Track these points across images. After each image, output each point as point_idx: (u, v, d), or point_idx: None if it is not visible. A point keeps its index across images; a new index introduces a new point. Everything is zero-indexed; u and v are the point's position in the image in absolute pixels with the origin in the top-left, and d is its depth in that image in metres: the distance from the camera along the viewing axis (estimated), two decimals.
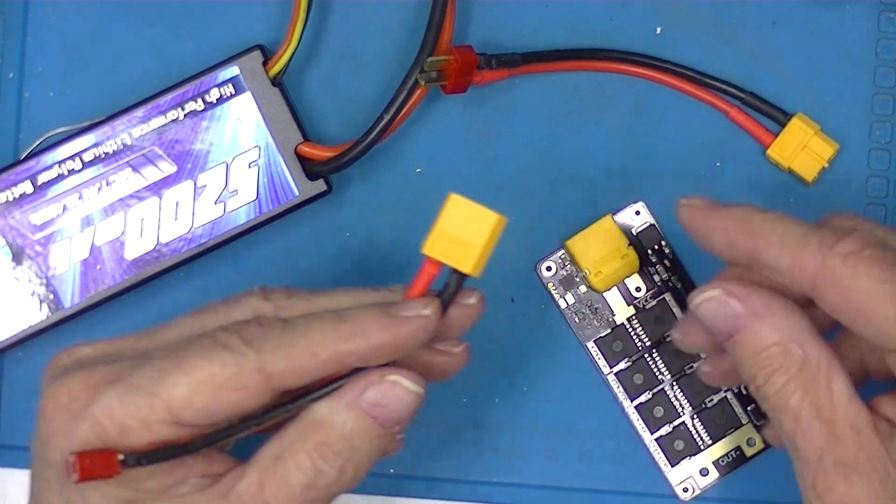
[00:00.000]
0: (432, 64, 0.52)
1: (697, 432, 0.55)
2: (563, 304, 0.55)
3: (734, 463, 0.55)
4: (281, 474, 0.45)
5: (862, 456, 0.44)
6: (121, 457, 0.44)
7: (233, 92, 0.54)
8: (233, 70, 0.54)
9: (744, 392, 0.55)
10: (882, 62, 0.56)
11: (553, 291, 0.55)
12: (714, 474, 0.55)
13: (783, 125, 0.55)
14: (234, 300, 0.48)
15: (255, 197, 0.54)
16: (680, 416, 0.55)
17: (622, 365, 0.55)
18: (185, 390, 0.44)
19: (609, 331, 0.55)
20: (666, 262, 0.55)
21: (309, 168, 0.54)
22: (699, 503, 0.55)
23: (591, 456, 0.55)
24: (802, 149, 0.55)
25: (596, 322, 0.55)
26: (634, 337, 0.55)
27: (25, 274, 0.53)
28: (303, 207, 0.54)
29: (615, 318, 0.55)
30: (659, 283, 0.55)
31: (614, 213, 0.55)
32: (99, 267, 0.54)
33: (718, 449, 0.55)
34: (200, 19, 0.56)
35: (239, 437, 0.45)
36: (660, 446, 0.55)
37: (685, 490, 0.55)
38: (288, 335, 0.45)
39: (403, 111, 0.53)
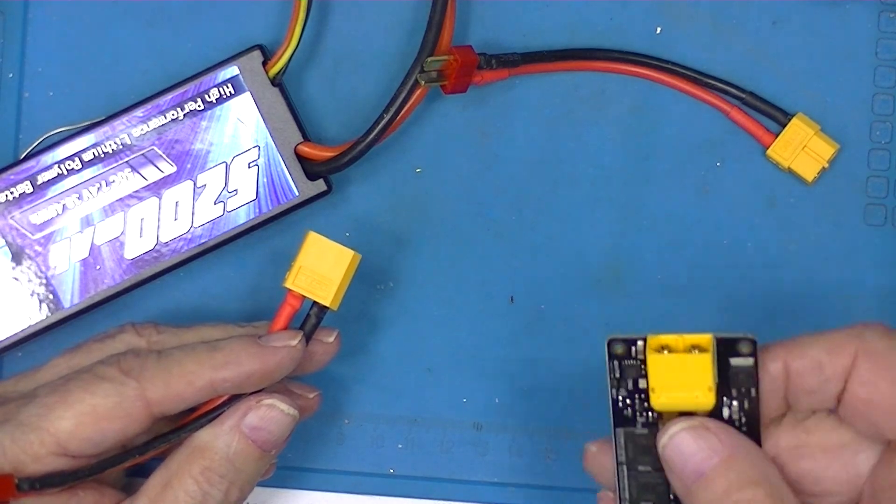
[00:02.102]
0: (432, 64, 0.52)
1: None
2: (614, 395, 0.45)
3: None
4: (170, 500, 0.47)
5: None
6: (15, 481, 0.46)
7: (232, 92, 0.54)
8: (232, 70, 0.54)
9: None
10: (882, 62, 0.56)
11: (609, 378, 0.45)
12: None
13: (783, 125, 0.55)
14: (107, 337, 0.51)
15: (254, 197, 0.54)
16: None
17: None
18: (70, 423, 0.47)
19: None
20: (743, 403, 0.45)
21: (309, 168, 0.54)
22: None
23: None
24: (802, 149, 0.55)
25: None
26: None
27: (25, 274, 0.53)
28: (303, 207, 0.54)
29: None
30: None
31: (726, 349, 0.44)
32: (99, 267, 0.54)
33: None
34: (200, 19, 0.56)
35: (125, 466, 0.49)
36: None
37: None
38: (164, 364, 0.48)
39: (403, 111, 0.53)
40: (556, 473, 0.55)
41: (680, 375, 0.43)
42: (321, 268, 0.49)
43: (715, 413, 0.44)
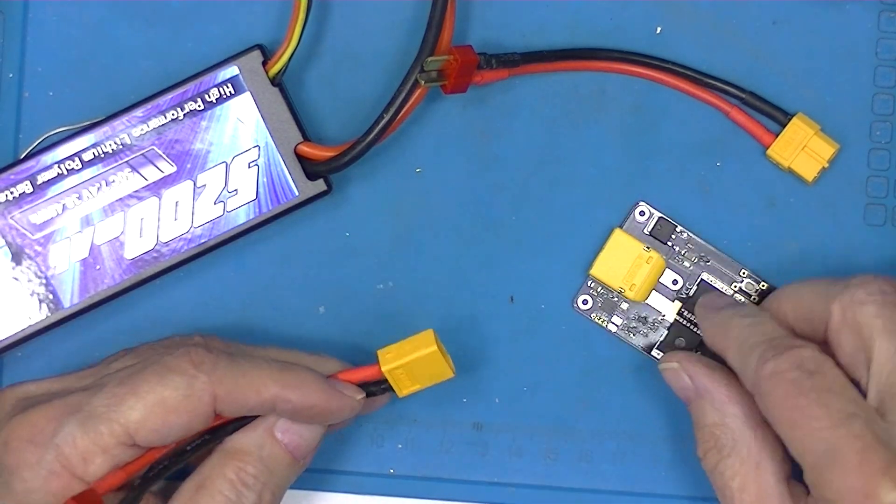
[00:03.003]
0: (432, 64, 0.52)
1: None
2: (613, 328, 0.55)
3: None
4: (204, 502, 0.48)
5: None
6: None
7: (232, 92, 0.54)
8: (232, 70, 0.54)
9: None
10: (882, 62, 0.56)
11: (598, 321, 0.55)
12: None
13: (783, 125, 0.55)
14: (174, 343, 0.51)
15: (254, 197, 0.54)
16: None
17: None
18: (139, 414, 0.47)
19: (666, 332, 0.55)
20: (689, 245, 0.55)
21: (309, 168, 0.54)
22: None
23: (591, 456, 0.55)
24: (802, 149, 0.55)
25: (650, 329, 0.55)
26: (692, 327, 0.55)
27: (25, 274, 0.53)
28: (303, 207, 0.54)
29: (666, 317, 0.55)
30: (691, 267, 0.55)
31: (621, 225, 0.55)
32: (98, 267, 0.54)
33: None
34: (200, 19, 0.56)
35: (177, 468, 0.49)
36: None
37: None
38: (236, 366, 0.49)
39: (403, 111, 0.53)
40: (556, 473, 0.55)
41: None
42: (418, 370, 0.50)
43: None
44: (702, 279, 0.55)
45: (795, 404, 0.46)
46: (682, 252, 0.55)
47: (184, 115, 0.54)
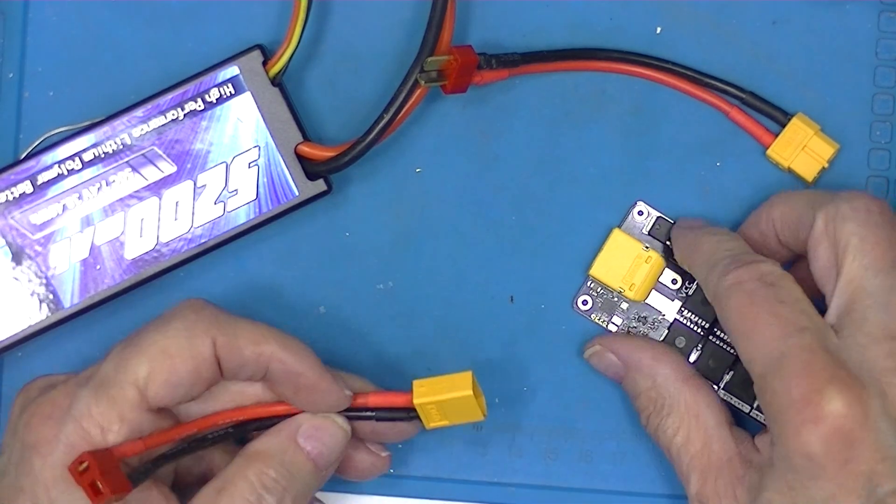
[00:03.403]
0: (432, 64, 0.52)
1: None
2: (613, 329, 0.55)
3: None
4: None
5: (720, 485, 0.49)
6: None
7: (232, 92, 0.54)
8: (232, 70, 0.54)
9: None
10: (882, 62, 0.56)
11: (598, 321, 0.55)
12: None
13: (783, 125, 0.55)
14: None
15: (254, 197, 0.54)
16: None
17: (693, 357, 0.55)
18: (145, 367, 0.48)
19: (666, 331, 0.55)
20: None
21: (309, 168, 0.54)
22: None
23: (591, 456, 0.55)
24: (802, 149, 0.55)
25: (650, 329, 0.55)
26: (692, 326, 0.55)
27: (25, 274, 0.53)
28: (303, 207, 0.54)
29: (666, 317, 0.55)
30: None
31: (619, 225, 0.55)
32: (99, 267, 0.54)
33: None
34: (200, 19, 0.56)
35: (203, 447, 0.50)
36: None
37: None
38: (237, 319, 0.49)
39: (403, 111, 0.53)
40: (556, 473, 0.55)
41: None
42: (450, 409, 0.50)
43: None
44: None
45: (749, 313, 0.47)
46: None
47: (184, 115, 0.54)
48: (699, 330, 0.55)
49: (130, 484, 0.47)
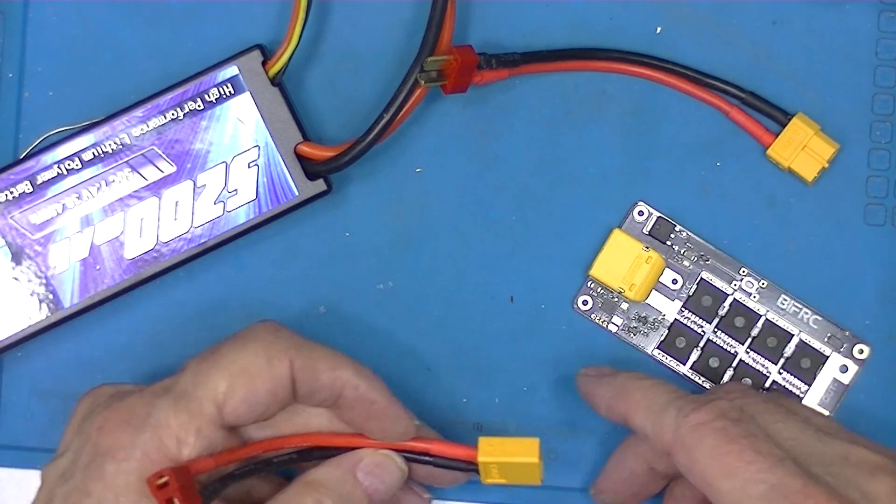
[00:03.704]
0: (432, 64, 0.52)
1: (791, 383, 0.55)
2: (613, 329, 0.55)
3: (838, 395, 0.55)
4: None
5: None
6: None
7: (232, 92, 0.54)
8: (232, 70, 0.54)
9: (814, 326, 0.55)
10: (882, 62, 0.56)
11: (598, 321, 0.56)
12: (824, 413, 0.55)
13: (783, 125, 0.55)
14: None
15: (254, 197, 0.54)
16: (768, 377, 0.55)
17: (694, 356, 0.55)
18: (224, 384, 0.48)
19: (666, 331, 0.55)
20: (688, 244, 0.55)
21: (309, 168, 0.54)
22: None
23: (590, 456, 0.55)
24: (802, 149, 0.55)
25: (650, 329, 0.55)
26: (692, 326, 0.55)
27: (25, 274, 0.53)
28: (302, 207, 0.54)
29: (666, 317, 0.55)
30: (691, 266, 0.55)
31: (620, 225, 0.55)
32: (98, 267, 0.54)
33: (817, 389, 0.55)
34: (200, 19, 0.56)
35: (268, 471, 0.50)
36: None
37: None
38: (313, 344, 0.49)
39: (403, 111, 0.53)
40: (556, 473, 0.55)
41: None
42: (511, 470, 0.50)
43: None
44: (701, 278, 0.55)
45: (728, 451, 0.47)
46: (682, 251, 0.55)
47: (184, 115, 0.54)
48: (699, 330, 0.55)
49: (203, 502, 0.47)
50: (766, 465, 0.46)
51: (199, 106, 0.54)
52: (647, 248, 0.55)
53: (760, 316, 0.55)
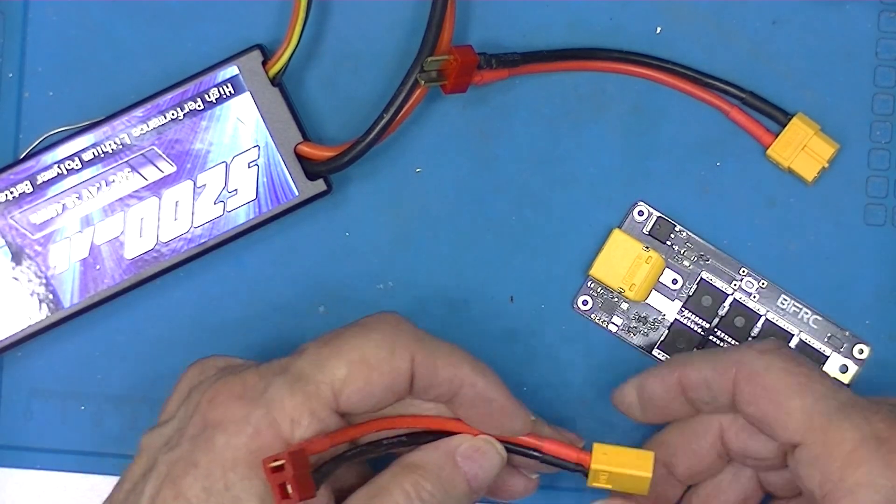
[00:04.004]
0: (432, 64, 0.52)
1: None
2: (613, 329, 0.55)
3: None
4: None
5: None
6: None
7: (232, 92, 0.54)
8: (232, 70, 0.54)
9: (814, 326, 0.55)
10: (882, 62, 0.56)
11: (598, 321, 0.56)
12: None
13: (783, 125, 0.55)
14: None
15: (254, 197, 0.54)
16: None
17: None
18: (343, 372, 0.47)
19: (666, 331, 0.55)
20: (688, 244, 0.55)
21: (309, 168, 0.54)
22: None
23: None
24: (802, 149, 0.55)
25: (650, 329, 0.55)
26: (692, 326, 0.55)
27: (25, 273, 0.53)
28: (303, 207, 0.54)
29: (666, 317, 0.55)
30: (691, 266, 0.55)
31: (619, 225, 0.55)
32: (98, 267, 0.54)
33: None
34: (200, 19, 0.56)
35: (379, 454, 0.49)
36: None
37: None
38: (434, 338, 0.49)
39: (403, 111, 0.53)
40: (556, 473, 0.55)
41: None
42: (621, 480, 0.49)
43: None
44: (701, 278, 0.55)
45: (799, 371, 0.48)
46: (682, 251, 0.55)
47: (184, 115, 0.54)
48: (699, 330, 0.55)
49: (315, 488, 0.46)
50: (835, 385, 0.48)
51: (199, 106, 0.54)
52: (647, 248, 0.55)
53: (760, 316, 0.55)
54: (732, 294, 0.55)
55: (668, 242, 0.55)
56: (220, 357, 0.50)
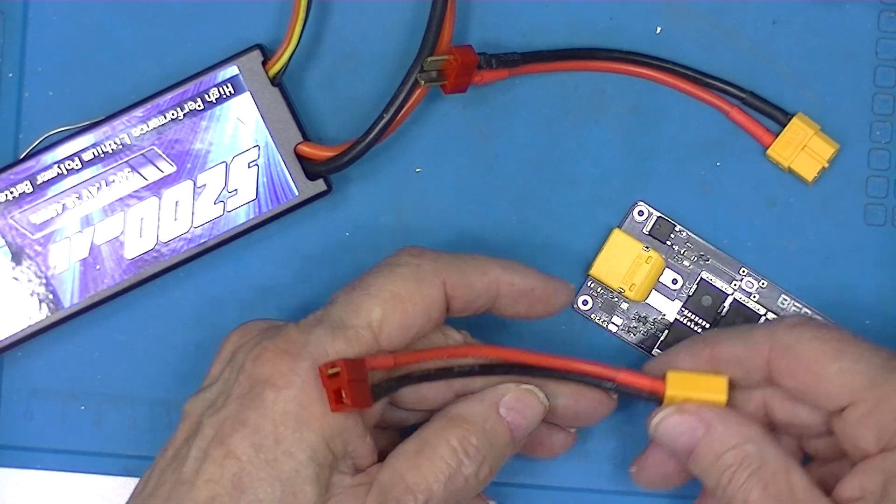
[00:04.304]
0: (432, 63, 0.52)
1: None
2: (613, 329, 0.56)
3: None
4: (425, 464, 0.47)
5: None
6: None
7: (232, 92, 0.54)
8: (232, 70, 0.54)
9: None
10: (882, 62, 0.56)
11: (598, 321, 0.56)
12: None
13: (783, 125, 0.55)
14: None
15: (254, 197, 0.54)
16: None
17: None
18: (379, 312, 0.48)
19: (667, 331, 0.55)
20: (688, 244, 0.55)
21: (309, 168, 0.54)
22: None
23: (591, 456, 0.55)
24: (802, 149, 0.55)
25: (650, 329, 0.55)
26: (692, 326, 0.55)
27: (25, 273, 0.53)
28: (302, 207, 0.54)
29: (666, 317, 0.55)
30: (691, 266, 0.55)
31: (620, 225, 0.55)
32: (98, 266, 0.54)
33: None
34: (200, 19, 0.56)
35: (438, 380, 0.49)
36: None
37: None
38: (456, 255, 0.50)
39: (403, 111, 0.53)
40: (556, 473, 0.55)
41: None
42: (695, 388, 0.49)
43: None
44: (701, 278, 0.55)
45: (830, 337, 0.48)
46: (682, 251, 0.55)
47: (184, 115, 0.54)
48: (699, 330, 0.55)
49: (371, 399, 0.46)
50: (872, 345, 0.48)
51: (199, 106, 0.54)
52: (647, 248, 0.55)
53: (760, 316, 0.55)
54: (732, 294, 0.55)
55: (668, 242, 0.55)
56: (262, 320, 0.50)
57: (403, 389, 0.49)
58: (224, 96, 0.54)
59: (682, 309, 0.55)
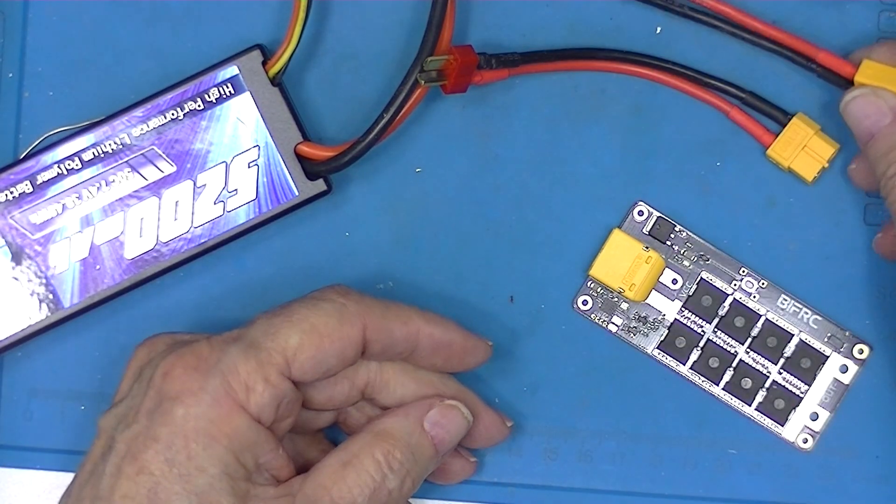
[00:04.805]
0: (432, 63, 0.52)
1: (791, 383, 0.55)
2: (613, 329, 0.56)
3: (838, 395, 0.55)
4: (351, 478, 0.48)
5: None
6: None
7: (232, 91, 0.54)
8: (232, 70, 0.54)
9: (814, 326, 0.55)
10: None
11: (598, 321, 0.56)
12: (824, 413, 0.55)
13: (783, 125, 0.55)
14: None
15: (254, 197, 0.54)
16: (768, 377, 0.55)
17: (694, 356, 0.55)
18: (296, 340, 0.48)
19: (667, 331, 0.55)
20: (688, 244, 0.55)
21: (309, 168, 0.54)
22: (825, 445, 0.55)
23: (591, 456, 0.55)
24: (802, 148, 0.55)
25: (650, 329, 0.55)
26: (693, 325, 0.55)
27: (25, 273, 0.53)
28: (302, 207, 0.54)
29: (666, 317, 0.55)
30: (691, 266, 0.55)
31: (619, 225, 0.55)
32: (98, 266, 0.54)
33: (817, 389, 0.55)
34: (200, 19, 0.56)
35: None
36: (763, 413, 0.55)
37: (805, 441, 0.55)
38: (381, 301, 0.50)
39: (403, 111, 0.53)
40: (556, 473, 0.55)
41: None
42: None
43: None
44: (701, 278, 0.55)
45: None
46: (682, 251, 0.55)
47: (184, 115, 0.54)
48: (699, 330, 0.55)
49: None
50: None
51: (199, 106, 0.54)
52: (647, 248, 0.55)
53: (760, 316, 0.55)
54: (732, 294, 0.55)
55: (668, 242, 0.55)
56: (167, 334, 0.51)
57: (311, 391, 0.50)
58: (224, 96, 0.54)
59: (682, 309, 0.55)
